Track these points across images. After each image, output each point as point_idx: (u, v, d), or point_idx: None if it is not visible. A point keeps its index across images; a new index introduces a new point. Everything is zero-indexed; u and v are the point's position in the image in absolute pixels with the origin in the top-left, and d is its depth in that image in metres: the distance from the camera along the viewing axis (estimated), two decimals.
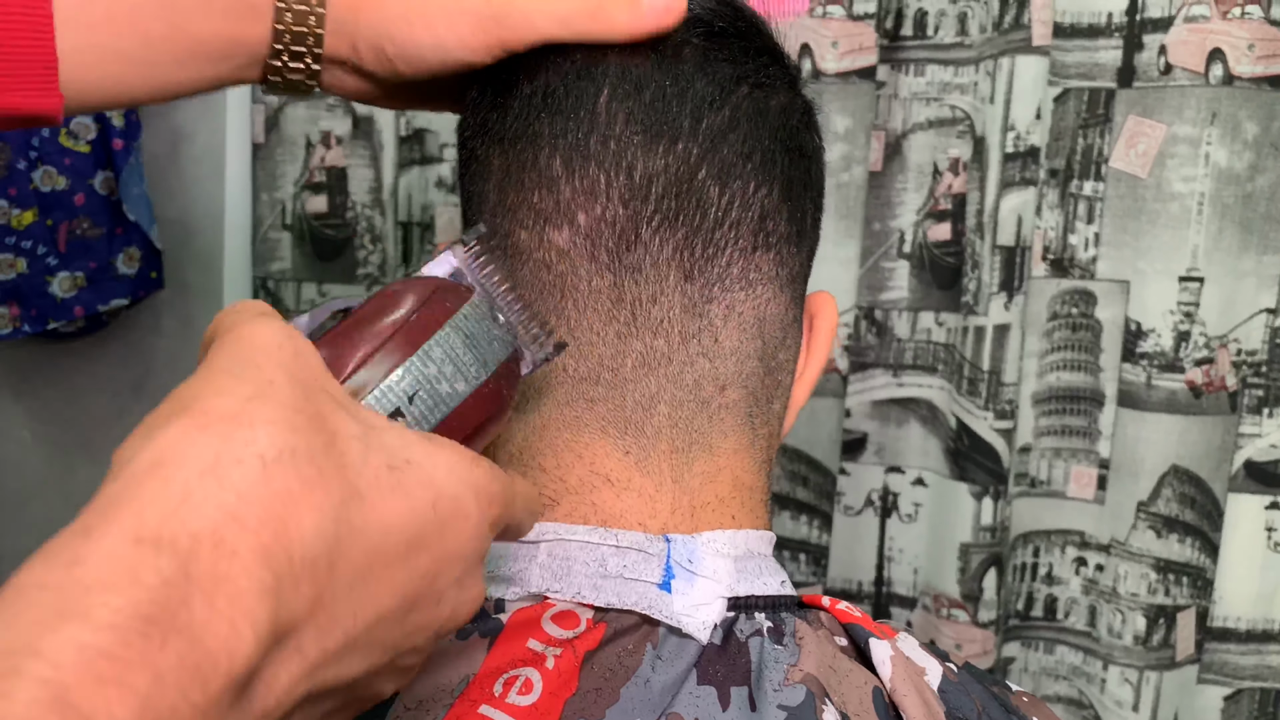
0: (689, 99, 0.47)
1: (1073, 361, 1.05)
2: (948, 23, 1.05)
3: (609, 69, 0.47)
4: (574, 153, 0.47)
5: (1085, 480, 1.06)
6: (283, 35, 0.50)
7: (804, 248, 0.52)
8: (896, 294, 1.09)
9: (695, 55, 0.48)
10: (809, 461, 1.10)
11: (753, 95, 0.49)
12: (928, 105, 1.06)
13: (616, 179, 0.46)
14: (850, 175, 1.06)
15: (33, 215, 1.23)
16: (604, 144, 0.46)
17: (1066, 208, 1.04)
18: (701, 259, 0.47)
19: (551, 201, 0.47)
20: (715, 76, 0.48)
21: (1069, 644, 1.08)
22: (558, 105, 0.47)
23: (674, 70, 0.47)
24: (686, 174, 0.46)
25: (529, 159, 0.48)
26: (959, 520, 1.05)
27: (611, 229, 0.46)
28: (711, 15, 0.50)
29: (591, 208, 0.46)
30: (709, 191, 0.47)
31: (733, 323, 0.48)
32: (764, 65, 0.50)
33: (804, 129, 0.52)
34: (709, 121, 0.47)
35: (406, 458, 0.34)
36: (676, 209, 0.46)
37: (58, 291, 1.24)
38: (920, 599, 1.11)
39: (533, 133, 0.48)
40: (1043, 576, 1.09)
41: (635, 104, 0.47)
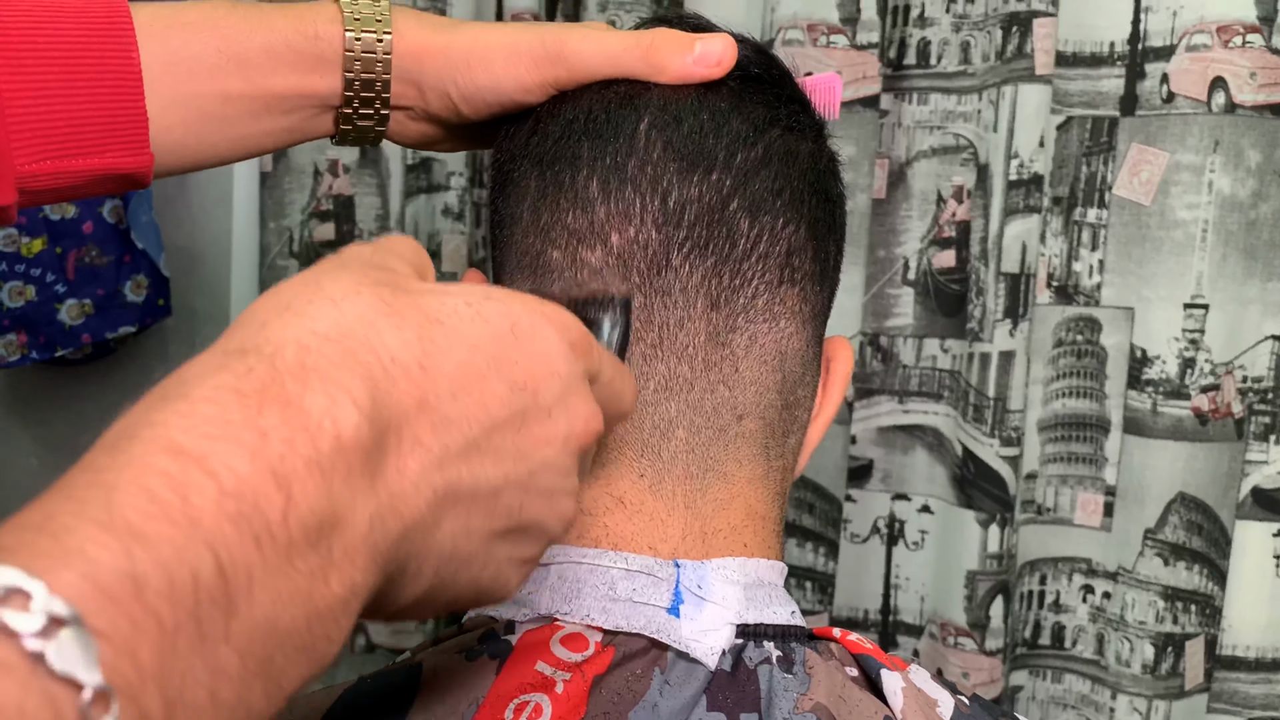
0: (725, 134, 0.49)
1: (1078, 388, 1.05)
2: (951, 51, 1.06)
3: (650, 101, 0.49)
4: (611, 175, 0.48)
5: (1092, 507, 1.06)
6: (353, 83, 0.53)
7: (826, 288, 0.53)
8: (901, 321, 1.10)
9: (732, 95, 0.50)
10: (815, 489, 1.10)
11: (784, 137, 0.50)
12: (931, 133, 1.07)
13: (651, 203, 0.48)
14: (854, 203, 1.06)
15: (42, 243, 1.23)
16: (641, 169, 0.48)
17: (1070, 235, 1.04)
18: (729, 288, 0.48)
19: (586, 222, 0.48)
20: (750, 116, 0.50)
21: (1077, 672, 1.07)
22: (598, 130, 0.49)
23: (712, 107, 0.49)
24: (719, 204, 0.48)
25: (566, 180, 0.49)
26: (965, 548, 1.05)
27: (644, 252, 0.48)
28: (748, 61, 0.51)
29: (625, 229, 0.48)
30: (739, 223, 0.48)
31: (754, 354, 0.49)
32: (795, 112, 0.52)
33: (829, 175, 0.53)
34: (743, 156, 0.48)
35: (483, 295, 0.35)
36: (707, 237, 0.48)
37: (66, 319, 1.25)
38: (927, 627, 1.11)
39: (571, 155, 0.49)
40: (1050, 604, 1.08)
41: (674, 134, 0.48)
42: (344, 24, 0.52)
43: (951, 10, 1.05)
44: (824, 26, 1.04)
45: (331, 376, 0.29)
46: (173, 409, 0.28)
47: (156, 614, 0.24)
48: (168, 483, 0.26)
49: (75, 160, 0.51)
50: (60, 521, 0.25)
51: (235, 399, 0.28)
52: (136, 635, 0.24)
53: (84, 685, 0.23)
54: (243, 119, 0.54)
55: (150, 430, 0.27)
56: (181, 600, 0.25)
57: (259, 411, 0.28)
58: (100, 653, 0.23)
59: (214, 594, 0.25)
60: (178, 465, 0.26)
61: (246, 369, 0.29)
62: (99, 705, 0.23)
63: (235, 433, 0.27)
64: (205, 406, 0.28)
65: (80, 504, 0.25)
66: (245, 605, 0.26)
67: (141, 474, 0.26)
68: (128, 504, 0.25)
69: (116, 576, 0.24)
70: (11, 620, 0.23)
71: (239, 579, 0.26)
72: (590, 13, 1.12)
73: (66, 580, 0.24)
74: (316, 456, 0.28)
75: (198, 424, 0.27)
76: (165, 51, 0.52)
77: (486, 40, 0.52)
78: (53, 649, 0.23)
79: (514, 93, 0.52)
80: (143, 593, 0.24)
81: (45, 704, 0.22)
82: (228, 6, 0.53)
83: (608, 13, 1.11)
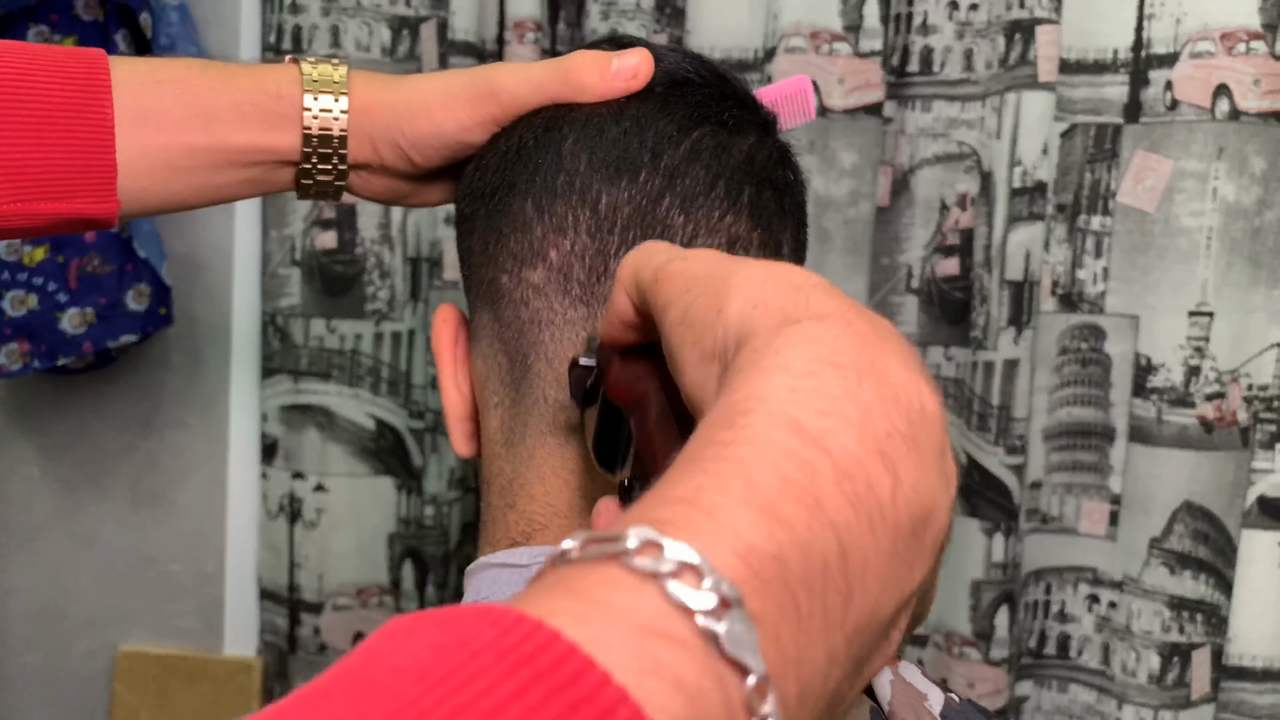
0: (649, 136, 0.49)
1: (1083, 396, 1.05)
2: (954, 59, 1.05)
3: (575, 119, 0.51)
4: (543, 193, 0.49)
5: (1097, 516, 1.05)
6: (311, 140, 0.56)
7: None
8: (905, 329, 1.09)
9: (658, 101, 0.51)
10: None
11: (716, 133, 0.50)
12: (935, 141, 1.07)
13: (583, 214, 0.49)
14: (857, 211, 1.06)
15: (44, 252, 1.23)
16: (570, 183, 0.49)
17: (1075, 243, 1.04)
18: None
19: (526, 243, 0.50)
20: (676, 116, 0.50)
21: (1083, 682, 1.07)
22: (528, 155, 0.51)
23: (635, 115, 0.50)
24: (649, 204, 0.48)
25: (505, 207, 0.51)
26: (970, 557, 1.04)
27: (581, 262, 0.49)
28: (676, 67, 0.53)
29: (561, 243, 0.49)
30: (673, 220, 0.48)
31: None
32: (729, 108, 0.52)
33: (776, 164, 0.53)
34: (669, 155, 0.49)
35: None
36: (642, 239, 0.48)
37: (68, 328, 1.24)
38: (932, 637, 1.10)
39: (508, 183, 0.51)
40: (1055, 614, 1.08)
41: (598, 144, 0.50)
42: (303, 85, 0.55)
43: (954, 18, 1.05)
44: (827, 34, 1.04)
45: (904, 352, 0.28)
46: (779, 382, 0.27)
47: (795, 599, 0.24)
48: (794, 462, 0.25)
49: (45, 204, 0.54)
50: (710, 497, 0.25)
51: (833, 371, 0.27)
52: (781, 620, 0.24)
53: (750, 671, 0.22)
54: (206, 170, 0.56)
55: (765, 405, 0.26)
56: (813, 585, 0.24)
57: (859, 384, 0.27)
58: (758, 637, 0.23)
59: (836, 579, 0.25)
60: (800, 443, 0.25)
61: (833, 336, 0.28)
62: (759, 693, 0.22)
63: (841, 408, 0.26)
64: (808, 381, 0.27)
65: (721, 479, 0.25)
66: (860, 591, 0.25)
67: (769, 451, 0.25)
68: (766, 482, 0.25)
69: (765, 559, 0.24)
70: (685, 596, 0.22)
71: (856, 564, 0.25)
72: (593, 20, 1.12)
73: (727, 560, 0.23)
74: (911, 432, 0.27)
75: (807, 398, 0.26)
76: (137, 106, 0.55)
77: (425, 89, 0.55)
78: (724, 630, 0.22)
79: (456, 134, 0.54)
80: (786, 577, 0.24)
81: (717, 687, 0.22)
82: (200, 66, 0.57)
83: (610, 20, 1.11)
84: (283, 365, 1.25)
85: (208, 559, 1.34)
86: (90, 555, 1.36)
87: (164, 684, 1.33)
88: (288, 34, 1.21)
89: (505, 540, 0.50)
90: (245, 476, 1.32)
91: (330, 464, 1.25)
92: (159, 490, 1.34)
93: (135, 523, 1.34)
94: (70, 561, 1.37)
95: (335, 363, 1.24)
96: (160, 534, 1.34)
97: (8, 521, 1.40)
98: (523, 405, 0.50)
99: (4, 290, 1.23)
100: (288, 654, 1.29)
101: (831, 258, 1.06)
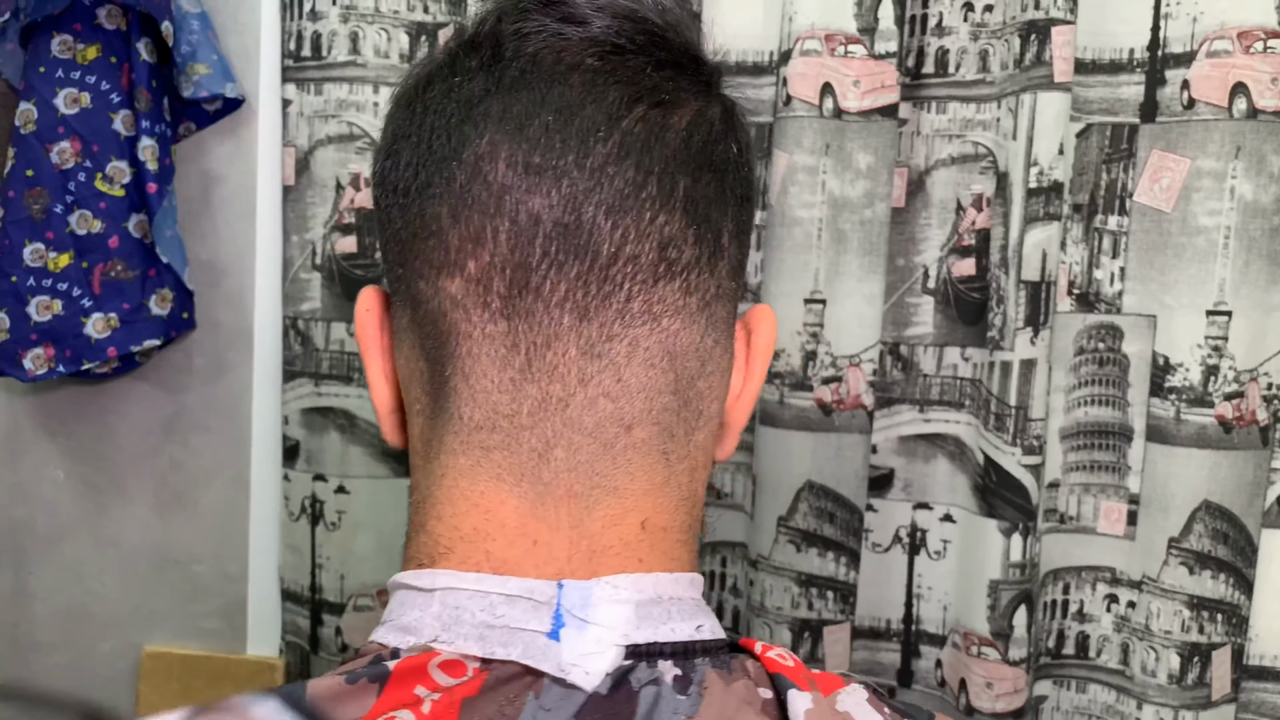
0: (574, 132, 0.45)
1: (1100, 396, 1.05)
2: (969, 60, 1.06)
3: (491, 108, 0.46)
4: (459, 201, 0.46)
5: (1115, 516, 1.05)
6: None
7: (720, 267, 0.49)
8: (922, 329, 1.09)
9: (585, 81, 0.46)
10: (835, 498, 1.10)
11: (648, 117, 0.46)
12: (950, 142, 1.07)
13: (501, 224, 0.45)
14: (873, 212, 1.06)
15: (69, 258, 1.25)
16: (486, 189, 0.45)
17: (1091, 242, 1.04)
18: (598, 298, 0.45)
19: (441, 251, 0.47)
20: (605, 101, 0.46)
21: (1102, 682, 1.07)
22: (441, 152, 0.47)
23: (560, 102, 0.46)
24: (573, 213, 0.45)
25: (420, 211, 0.47)
26: (988, 557, 1.04)
27: (501, 275, 0.45)
28: (608, 32, 0.47)
29: (480, 255, 0.46)
30: (599, 228, 0.45)
31: (638, 359, 0.46)
32: (667, 79, 0.48)
33: (718, 140, 0.49)
34: (595, 154, 0.45)
35: None
36: (566, 250, 0.45)
37: (92, 332, 1.26)
38: (950, 636, 1.10)
39: (421, 183, 0.47)
40: (1074, 613, 1.08)
41: (517, 144, 0.45)
42: None
43: (969, 19, 1.05)
44: (842, 36, 1.04)
45: None
46: None
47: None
48: None
49: None
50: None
51: None
52: None
53: None
54: None
55: None
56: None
57: None
58: None
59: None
60: None
61: None
62: None
63: None
64: None
65: None
66: None
67: None
68: None
69: None
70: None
71: None
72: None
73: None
74: None
75: None
76: None
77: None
78: None
79: None
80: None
81: None
82: None
83: None
84: (304, 368, 1.27)
85: (231, 560, 1.35)
86: (115, 557, 1.38)
87: (188, 684, 1.34)
88: (307, 41, 1.23)
89: (414, 560, 0.48)
90: (267, 479, 1.33)
91: (351, 466, 1.26)
92: (182, 492, 1.36)
93: (159, 525, 1.36)
94: (95, 563, 1.39)
95: (356, 365, 1.25)
96: (184, 536, 1.36)
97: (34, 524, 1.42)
98: (440, 419, 0.47)
99: (30, 296, 1.24)
100: (310, 654, 1.30)
101: (847, 259, 1.06)
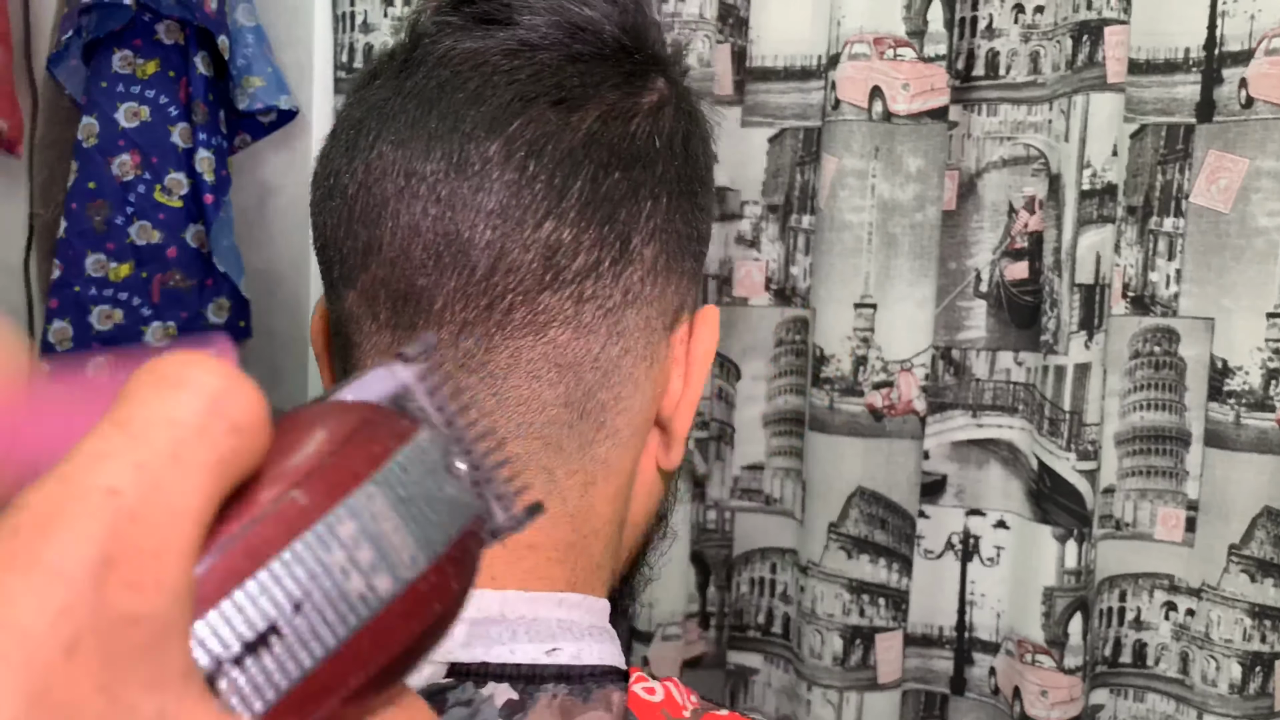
0: (456, 139, 0.44)
1: (1157, 400, 1.03)
2: (1020, 62, 1.05)
3: (385, 115, 0.46)
4: (349, 213, 0.46)
5: (1173, 522, 1.03)
6: None
7: (631, 271, 0.46)
8: (974, 333, 1.08)
9: (480, 82, 0.45)
10: (887, 504, 1.09)
11: (542, 117, 0.45)
12: (1001, 144, 1.06)
13: (385, 237, 0.45)
14: (924, 215, 1.05)
15: (129, 268, 1.28)
16: (371, 200, 0.45)
17: (1146, 244, 1.02)
18: (478, 309, 0.45)
19: (340, 262, 0.47)
20: (493, 104, 0.45)
21: (1160, 691, 1.05)
22: (339, 162, 0.47)
23: (447, 108, 0.45)
24: (451, 223, 0.44)
25: (322, 220, 0.47)
26: (1042, 563, 1.03)
27: (386, 288, 0.45)
28: (522, 29, 0.46)
29: (369, 266, 0.45)
30: (478, 238, 0.44)
31: (519, 371, 0.45)
32: (580, 72, 0.46)
33: (638, 133, 0.47)
34: (474, 160, 0.44)
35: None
36: (444, 261, 0.44)
37: (151, 341, 1.28)
38: (1003, 644, 1.09)
39: (323, 193, 0.47)
40: (1131, 621, 1.06)
41: (400, 153, 0.45)
42: None
43: (1020, 20, 1.04)
44: (891, 40, 1.04)
45: None
46: None
47: None
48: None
49: None
50: None
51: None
52: None
53: None
54: None
55: None
56: None
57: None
58: None
59: None
60: None
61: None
62: None
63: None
64: None
65: None
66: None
67: None
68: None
69: None
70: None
71: None
72: None
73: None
74: None
75: None
76: None
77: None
78: None
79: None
80: None
81: None
82: None
83: (673, 31, 1.12)
84: None
85: None
86: None
87: None
88: (360, 53, 1.24)
89: None
90: None
91: None
92: None
93: None
94: None
95: None
96: None
97: None
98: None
99: (91, 305, 1.27)
100: None
101: (898, 262, 1.05)
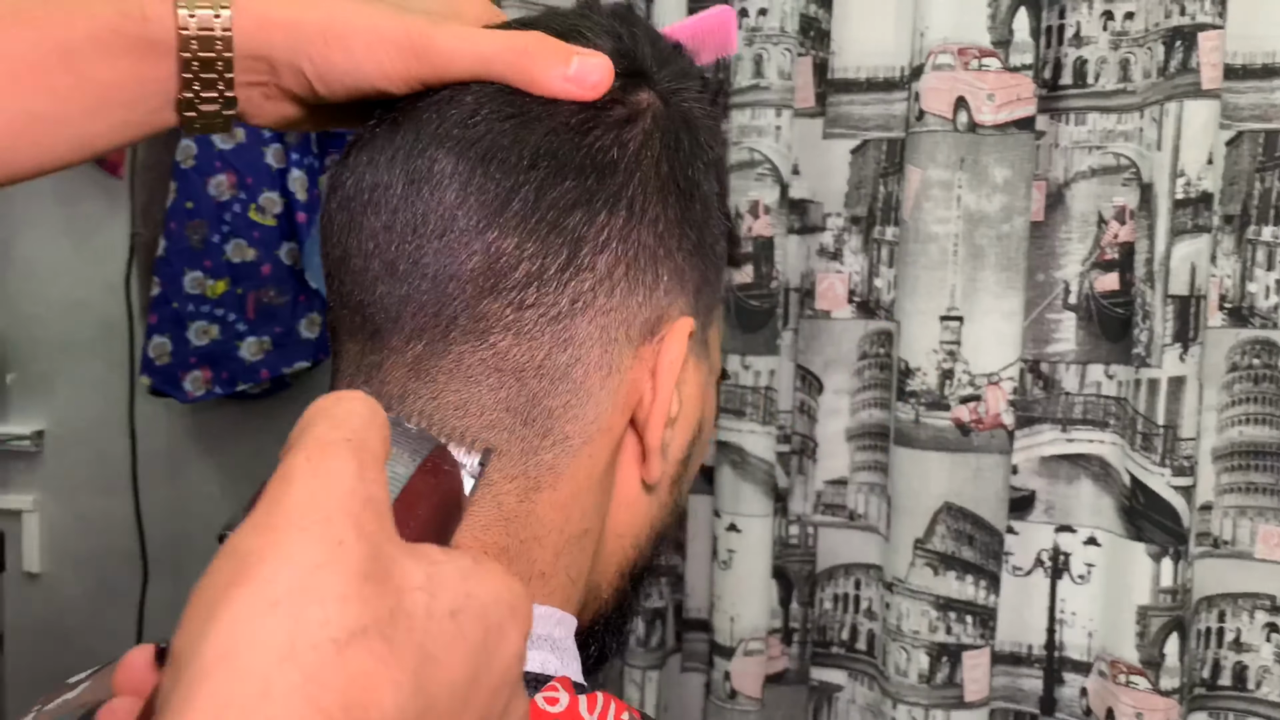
0: (413, 153, 0.47)
1: (1257, 415, 1.00)
2: (1109, 70, 1.03)
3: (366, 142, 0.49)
4: (332, 225, 0.49)
5: (1275, 541, 1.00)
6: (190, 64, 0.47)
7: (581, 279, 0.47)
8: (1063, 346, 1.06)
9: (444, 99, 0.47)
10: (974, 520, 1.08)
11: (494, 131, 0.46)
12: (1090, 154, 1.04)
13: (351, 249, 0.48)
14: (1011, 226, 1.04)
15: (225, 285, 1.32)
16: (344, 216, 0.48)
17: (1244, 255, 0.99)
18: (427, 316, 0.46)
19: (327, 274, 0.50)
20: (453, 120, 0.47)
21: (1263, 715, 1.01)
22: (339, 170, 0.50)
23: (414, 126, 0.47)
24: (407, 234, 0.46)
25: (322, 231, 0.50)
26: (1136, 582, 1.00)
27: (353, 298, 0.48)
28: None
29: (343, 277, 0.48)
30: (428, 246, 0.46)
31: (459, 377, 0.46)
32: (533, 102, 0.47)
33: (594, 148, 0.47)
34: (421, 173, 0.46)
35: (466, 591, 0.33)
36: (397, 271, 0.46)
37: (246, 355, 1.32)
38: (1096, 664, 1.06)
39: (324, 204, 0.50)
40: (1230, 643, 1.03)
41: (371, 169, 0.48)
42: (175, 2, 0.47)
43: (1109, 28, 1.02)
44: (975, 50, 1.02)
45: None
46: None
47: None
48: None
49: None
50: None
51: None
52: None
53: None
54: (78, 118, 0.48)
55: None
56: None
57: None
58: None
59: None
60: None
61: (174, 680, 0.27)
62: None
63: None
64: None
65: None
66: None
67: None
68: None
69: None
70: None
71: None
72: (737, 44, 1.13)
73: None
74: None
75: None
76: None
77: (345, 19, 0.47)
78: None
79: (376, 79, 0.47)
80: None
81: None
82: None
83: (754, 45, 1.12)
84: None
85: None
86: None
87: None
88: None
89: None
90: None
91: None
92: None
93: None
94: None
95: None
96: None
97: (190, 538, 1.49)
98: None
99: (189, 321, 1.31)
100: None
101: (985, 274, 1.04)
